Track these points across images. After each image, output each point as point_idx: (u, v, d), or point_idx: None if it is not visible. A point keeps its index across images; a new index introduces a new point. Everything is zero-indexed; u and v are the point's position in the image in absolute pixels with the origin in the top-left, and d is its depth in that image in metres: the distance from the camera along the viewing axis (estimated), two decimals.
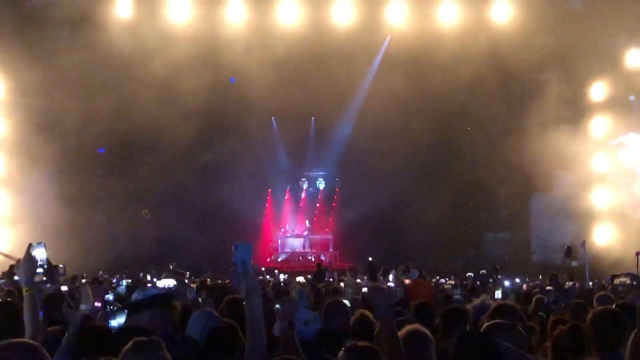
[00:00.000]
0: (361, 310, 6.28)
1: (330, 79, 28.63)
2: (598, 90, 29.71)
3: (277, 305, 5.94)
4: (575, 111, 28.87)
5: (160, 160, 30.25)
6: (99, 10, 27.39)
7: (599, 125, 29.81)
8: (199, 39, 27.79)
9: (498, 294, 10.70)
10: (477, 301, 8.63)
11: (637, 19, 24.17)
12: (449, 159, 32.79)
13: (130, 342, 4.03)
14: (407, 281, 14.40)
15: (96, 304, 6.44)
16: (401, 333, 4.84)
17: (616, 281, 9.48)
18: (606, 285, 13.86)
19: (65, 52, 26.13)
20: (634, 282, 8.75)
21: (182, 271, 17.70)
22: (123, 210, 30.39)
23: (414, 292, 12.00)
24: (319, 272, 22.08)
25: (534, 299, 9.90)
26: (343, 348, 4.11)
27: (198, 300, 9.02)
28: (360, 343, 4.12)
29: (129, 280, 15.49)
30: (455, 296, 10.38)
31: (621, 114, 28.83)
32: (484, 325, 5.35)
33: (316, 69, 29.02)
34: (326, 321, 5.98)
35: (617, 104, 29.18)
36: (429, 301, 8.55)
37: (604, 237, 28.88)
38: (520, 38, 26.98)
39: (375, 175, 31.57)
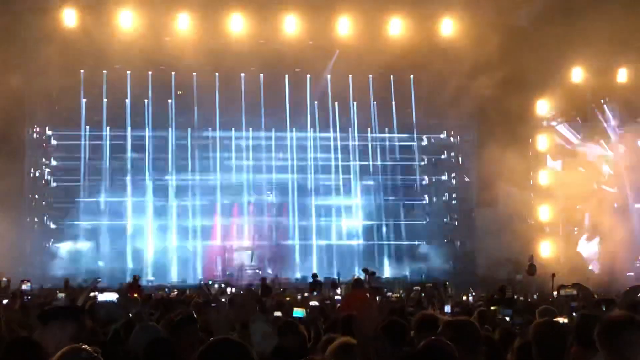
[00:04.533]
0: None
1: (280, 93, 28.61)
2: (543, 106, 30.26)
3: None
4: (521, 126, 29.29)
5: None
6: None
7: (544, 140, 30.37)
8: (145, 51, 27.37)
9: (447, 308, 10.71)
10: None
11: (582, 36, 24.65)
12: (397, 171, 33.04)
13: (66, 349, 3.79)
14: None
15: None
16: (332, 346, 4.82)
17: (562, 292, 9.59)
18: (551, 298, 13.99)
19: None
20: (580, 294, 8.86)
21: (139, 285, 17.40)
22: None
23: (348, 304, 11.76)
24: (263, 286, 21.95)
25: (477, 312, 9.90)
26: None
27: (141, 314, 8.79)
28: None
29: (63, 295, 14.94)
30: (409, 309, 10.34)
31: (565, 129, 29.45)
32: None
33: (265, 83, 28.96)
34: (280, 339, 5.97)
35: (562, 120, 29.83)
36: (356, 314, 8.45)
37: (548, 251, 29.37)
38: (467, 54, 27.28)
39: (323, 187, 31.64)
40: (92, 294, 11.20)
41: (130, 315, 8.04)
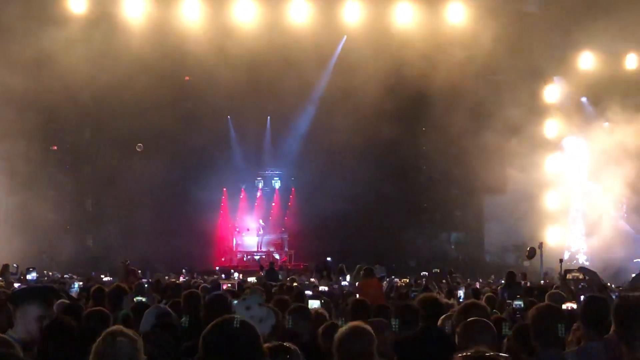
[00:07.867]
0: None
1: (287, 78, 28.54)
2: (551, 91, 30.19)
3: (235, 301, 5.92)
4: (529, 112, 29.23)
5: (114, 158, 30.07)
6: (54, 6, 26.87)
7: (552, 126, 30.30)
8: (154, 36, 27.37)
9: (461, 293, 10.75)
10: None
11: (590, 21, 24.57)
12: (404, 159, 32.92)
13: (107, 332, 3.87)
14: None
15: None
16: (342, 330, 4.86)
17: (569, 276, 9.62)
18: (559, 280, 13.93)
19: (20, 50, 25.51)
20: (586, 277, 8.89)
21: (134, 269, 17.48)
22: (74, 209, 30.20)
23: (362, 292, 12.23)
24: (271, 270, 22.07)
25: (484, 297, 9.99)
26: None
27: (152, 297, 8.92)
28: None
29: (81, 283, 14.92)
30: (412, 294, 10.43)
31: (574, 116, 29.36)
32: (462, 323, 5.43)
33: (273, 68, 28.92)
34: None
35: (570, 106, 29.72)
36: (368, 299, 8.64)
37: (556, 238, 29.36)
38: (475, 39, 27.19)
39: (331, 175, 31.58)
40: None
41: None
